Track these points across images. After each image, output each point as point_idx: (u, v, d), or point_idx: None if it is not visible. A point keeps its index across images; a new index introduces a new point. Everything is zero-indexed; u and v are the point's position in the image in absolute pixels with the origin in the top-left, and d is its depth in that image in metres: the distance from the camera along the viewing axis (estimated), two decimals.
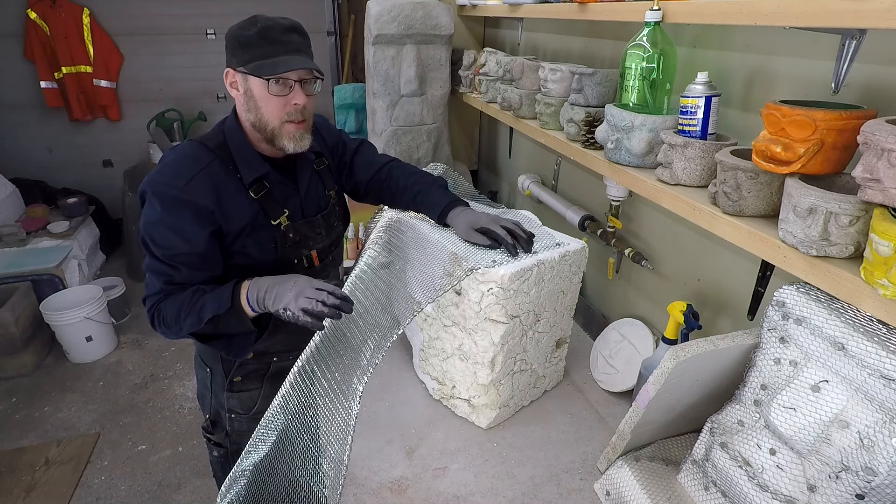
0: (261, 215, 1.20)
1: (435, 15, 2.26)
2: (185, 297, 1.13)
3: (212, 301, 1.12)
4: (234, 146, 1.19)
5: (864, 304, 0.77)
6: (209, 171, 1.15)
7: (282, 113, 1.15)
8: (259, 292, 1.12)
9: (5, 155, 4.22)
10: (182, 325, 1.13)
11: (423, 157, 2.48)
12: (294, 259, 1.28)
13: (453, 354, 1.43)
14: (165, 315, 1.14)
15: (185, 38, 4.38)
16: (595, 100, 1.47)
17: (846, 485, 0.80)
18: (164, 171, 1.14)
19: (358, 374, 1.08)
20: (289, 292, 1.08)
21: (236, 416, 1.38)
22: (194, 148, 1.18)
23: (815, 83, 1.02)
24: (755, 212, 0.98)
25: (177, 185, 1.12)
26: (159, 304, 1.15)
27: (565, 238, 1.41)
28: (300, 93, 1.15)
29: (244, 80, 1.15)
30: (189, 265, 1.14)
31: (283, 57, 1.12)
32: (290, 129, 1.17)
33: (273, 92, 1.13)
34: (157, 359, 3.19)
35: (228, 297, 1.12)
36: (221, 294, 1.13)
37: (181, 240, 1.12)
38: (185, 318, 1.13)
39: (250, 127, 1.19)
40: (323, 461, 1.08)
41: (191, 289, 1.15)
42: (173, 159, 1.16)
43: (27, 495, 2.29)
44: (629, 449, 1.17)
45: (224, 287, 1.15)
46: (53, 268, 3.30)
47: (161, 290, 1.15)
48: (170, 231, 1.12)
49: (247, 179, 1.18)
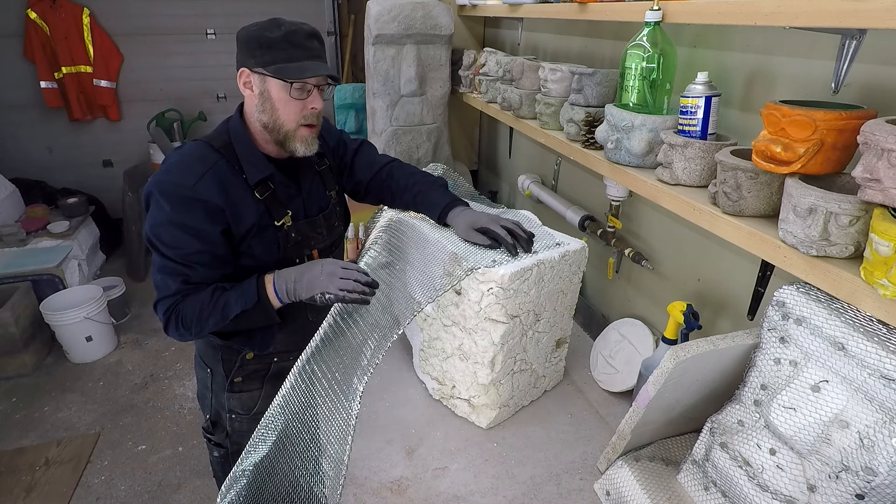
0: (266, 216, 1.20)
1: (435, 15, 2.26)
2: (204, 297, 1.13)
3: (236, 297, 1.12)
4: (239, 147, 1.19)
5: (864, 304, 0.77)
6: (216, 170, 1.15)
7: (299, 116, 1.16)
8: (287, 283, 1.13)
9: (5, 155, 4.23)
10: (204, 325, 1.13)
11: (423, 157, 2.48)
12: (296, 259, 1.27)
13: (453, 354, 1.43)
14: (185, 316, 1.13)
15: (185, 38, 4.38)
16: (595, 100, 1.47)
17: (846, 485, 0.80)
18: (172, 171, 1.14)
19: (358, 374, 1.08)
20: (320, 277, 1.11)
21: (237, 417, 1.38)
22: (200, 148, 1.18)
23: (815, 83, 1.02)
24: (755, 212, 0.98)
25: (186, 183, 1.11)
26: (177, 307, 1.13)
27: (565, 238, 1.41)
28: (318, 97, 1.17)
29: (261, 81, 1.14)
30: (204, 264, 1.14)
31: (307, 62, 1.13)
32: (303, 133, 1.19)
33: (294, 95, 1.14)
34: (157, 359, 3.19)
35: (254, 292, 1.12)
36: (246, 290, 1.13)
37: (194, 238, 1.11)
38: (208, 317, 1.12)
39: (260, 128, 1.19)
40: (323, 461, 1.08)
41: (209, 288, 1.14)
42: (179, 159, 1.16)
43: (27, 495, 2.29)
44: (629, 449, 1.17)
45: (247, 283, 1.15)
46: (53, 268, 3.30)
47: (178, 292, 1.13)
48: (181, 231, 1.11)
49: (252, 180, 1.18)
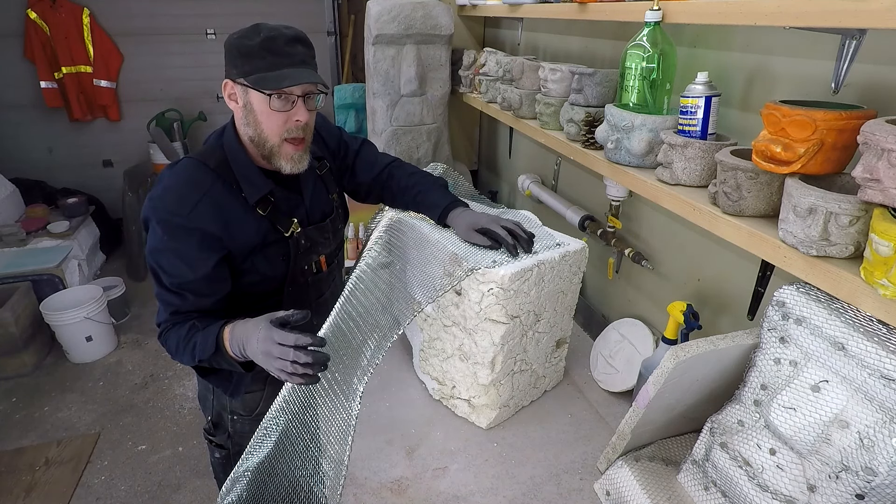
0: (271, 232, 1.19)
1: (435, 15, 2.26)
2: (182, 332, 1.12)
3: (200, 343, 1.09)
4: (235, 165, 1.15)
5: (864, 304, 0.77)
6: (212, 194, 1.11)
7: (282, 129, 1.10)
8: (239, 344, 1.05)
9: (5, 155, 4.22)
10: (182, 359, 1.14)
11: (423, 157, 2.48)
12: (304, 266, 1.27)
13: (453, 354, 1.43)
14: (169, 346, 1.16)
15: (185, 38, 4.38)
16: (595, 100, 1.47)
17: (846, 485, 0.80)
18: (166, 198, 1.09)
19: (358, 375, 1.08)
20: (258, 355, 1.00)
21: (238, 418, 1.38)
22: (194, 169, 1.13)
23: (815, 83, 1.02)
24: (755, 212, 0.98)
25: (181, 213, 1.08)
26: (166, 333, 1.15)
27: (565, 238, 1.41)
28: (303, 108, 1.10)
29: (244, 93, 1.09)
30: (195, 292, 1.13)
31: (288, 70, 1.06)
32: (288, 151, 1.13)
33: (275, 107, 1.07)
34: (157, 359, 3.19)
35: (213, 343, 1.08)
36: (207, 338, 1.09)
37: (187, 268, 1.10)
38: (182, 353, 1.13)
39: (248, 141, 1.15)
40: (323, 461, 1.08)
41: (188, 324, 1.13)
42: (174, 184, 1.11)
43: (27, 495, 2.29)
44: (629, 449, 1.17)
45: (210, 329, 1.10)
46: (53, 268, 3.30)
47: (167, 321, 1.15)
48: (176, 258, 1.10)
49: (251, 200, 1.15)
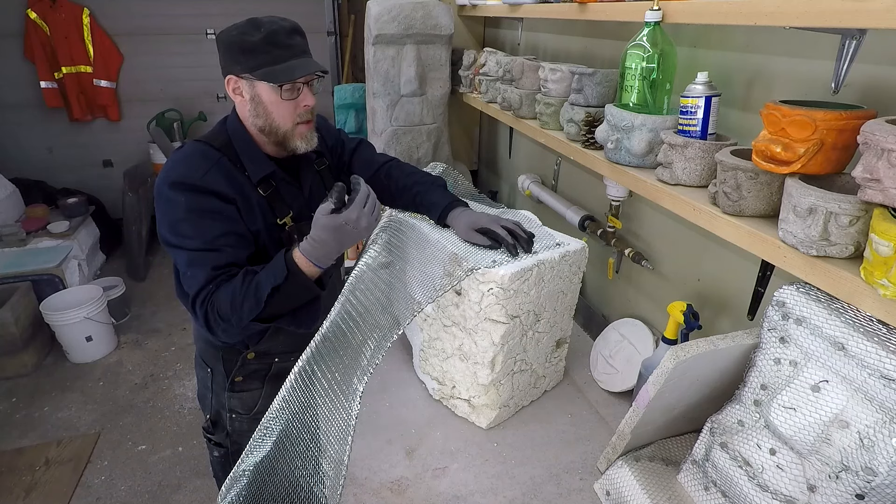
0: (269, 214, 1.21)
1: (435, 15, 2.26)
2: (235, 283, 1.08)
3: (266, 276, 1.08)
4: (239, 146, 1.19)
5: (864, 304, 0.77)
6: (220, 166, 1.15)
7: (294, 115, 1.16)
8: (317, 244, 1.09)
9: (5, 155, 4.23)
10: (241, 313, 1.08)
11: (423, 157, 2.48)
12: None
13: (453, 354, 1.43)
14: (220, 307, 1.08)
15: (185, 38, 4.39)
16: (595, 100, 1.47)
17: (846, 485, 0.80)
18: (177, 167, 1.13)
19: (358, 375, 1.08)
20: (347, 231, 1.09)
21: (237, 417, 1.38)
22: (200, 147, 1.17)
23: (815, 83, 1.02)
24: (755, 212, 0.98)
25: (195, 176, 1.11)
26: (211, 298, 1.09)
27: (565, 238, 1.41)
28: (309, 94, 1.17)
29: (250, 87, 1.14)
30: (230, 245, 1.12)
31: (294, 61, 1.12)
32: (301, 130, 1.19)
33: (285, 97, 1.13)
34: (157, 359, 3.20)
35: (283, 266, 1.07)
36: (274, 266, 1.09)
37: (215, 221, 1.10)
38: (242, 303, 1.07)
39: (257, 131, 1.20)
40: (323, 461, 1.08)
41: (240, 273, 1.10)
42: (182, 157, 1.15)
43: (27, 495, 2.29)
44: (629, 449, 1.17)
45: (274, 260, 1.11)
46: (53, 268, 3.30)
47: (209, 279, 1.09)
48: (200, 217, 1.09)
49: (254, 178, 1.18)
